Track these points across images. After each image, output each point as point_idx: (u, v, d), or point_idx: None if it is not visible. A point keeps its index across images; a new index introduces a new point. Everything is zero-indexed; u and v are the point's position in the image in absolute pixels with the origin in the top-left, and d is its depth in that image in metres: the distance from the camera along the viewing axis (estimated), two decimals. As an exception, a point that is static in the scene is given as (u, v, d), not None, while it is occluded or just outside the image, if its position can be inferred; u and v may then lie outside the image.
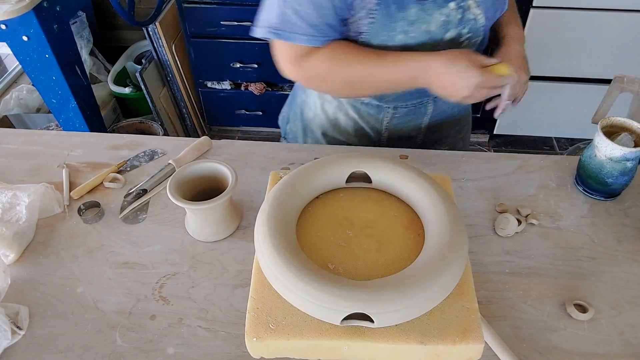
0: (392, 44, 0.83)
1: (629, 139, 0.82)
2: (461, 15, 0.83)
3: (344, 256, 0.63)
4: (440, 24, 0.82)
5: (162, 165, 0.94)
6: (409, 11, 0.80)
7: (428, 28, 0.82)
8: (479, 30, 0.87)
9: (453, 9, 0.82)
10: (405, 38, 0.82)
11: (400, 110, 0.99)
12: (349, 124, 1.03)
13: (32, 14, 1.55)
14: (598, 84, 2.04)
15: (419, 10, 0.80)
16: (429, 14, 0.81)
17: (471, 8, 0.84)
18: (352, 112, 1.01)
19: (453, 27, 0.84)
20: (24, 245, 0.79)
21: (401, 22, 0.81)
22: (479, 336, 0.57)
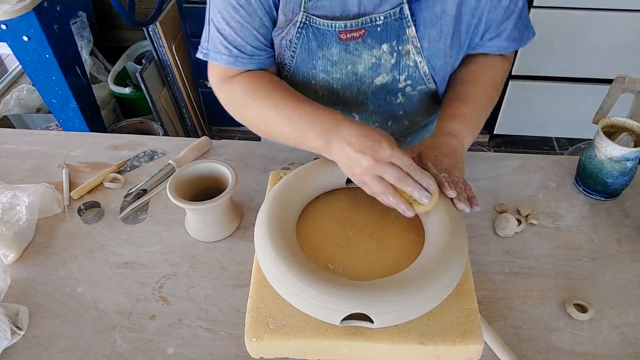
0: (315, 82, 0.80)
1: (629, 139, 0.82)
2: (395, 60, 0.77)
3: (344, 256, 0.63)
4: (370, 66, 0.77)
5: (162, 165, 0.94)
6: (330, 50, 0.75)
7: (354, 69, 0.77)
8: (422, 78, 0.81)
9: (385, 52, 0.76)
10: (327, 78, 0.79)
11: None
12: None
13: (32, 14, 1.55)
14: (598, 84, 2.04)
15: (342, 50, 0.75)
16: (355, 55, 0.76)
17: (410, 54, 0.77)
18: None
19: (385, 72, 0.78)
20: (24, 245, 0.79)
21: (322, 60, 0.76)
22: (479, 336, 0.57)
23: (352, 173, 0.65)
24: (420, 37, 0.75)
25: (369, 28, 0.73)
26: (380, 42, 0.75)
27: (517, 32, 0.83)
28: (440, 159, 0.68)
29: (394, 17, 0.73)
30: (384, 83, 0.81)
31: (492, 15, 0.78)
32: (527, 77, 2.07)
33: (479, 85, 0.82)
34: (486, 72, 0.84)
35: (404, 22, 0.73)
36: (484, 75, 0.83)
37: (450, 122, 0.76)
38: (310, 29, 0.73)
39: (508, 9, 0.78)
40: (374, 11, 0.72)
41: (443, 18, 0.74)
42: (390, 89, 0.82)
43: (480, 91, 0.81)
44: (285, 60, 0.79)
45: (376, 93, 0.83)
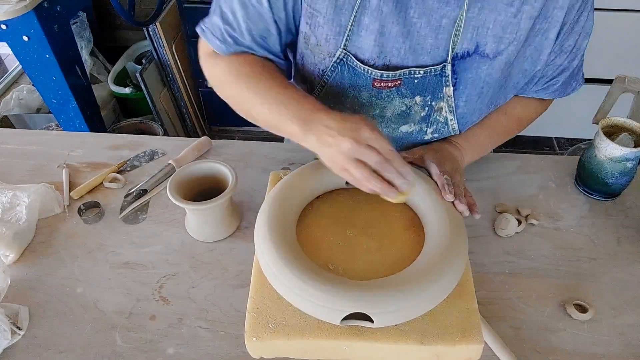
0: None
1: (629, 139, 0.82)
2: (426, 113, 0.75)
3: (344, 256, 0.63)
4: (399, 112, 0.75)
5: (162, 165, 0.94)
6: (361, 92, 0.72)
7: (382, 113, 0.75)
8: (450, 132, 0.79)
9: (417, 104, 0.74)
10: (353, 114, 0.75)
11: None
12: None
13: (32, 14, 1.55)
14: (598, 84, 2.04)
15: (373, 95, 0.73)
16: (386, 101, 0.74)
17: (442, 111, 0.75)
18: None
19: (413, 122, 0.76)
20: (24, 245, 0.79)
21: (351, 99, 0.74)
22: (479, 337, 0.57)
23: (332, 160, 0.61)
24: (457, 97, 0.73)
25: (405, 79, 0.71)
26: (414, 93, 0.73)
27: (564, 86, 0.81)
28: (443, 162, 0.68)
29: (434, 74, 0.70)
30: (410, 132, 0.79)
31: (546, 71, 0.76)
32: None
33: (502, 116, 0.81)
34: (518, 107, 0.83)
35: (443, 80, 0.71)
36: (514, 110, 0.83)
37: (457, 137, 0.77)
38: (345, 66, 0.71)
39: (561, 66, 0.77)
40: (414, 64, 0.69)
41: (487, 81, 0.72)
42: (415, 138, 0.80)
43: (500, 120, 0.81)
44: (314, 86, 0.77)
45: (400, 139, 0.80)
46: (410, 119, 0.76)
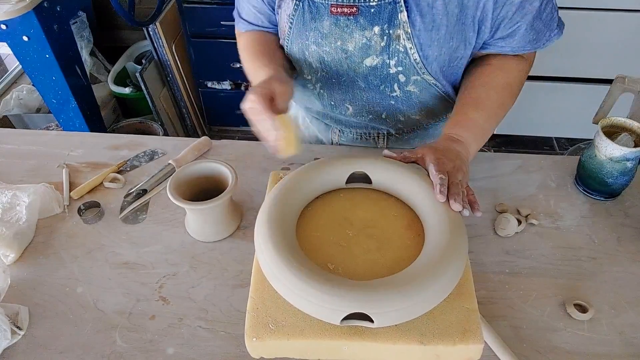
0: (307, 54, 0.82)
1: (629, 139, 0.82)
2: (385, 43, 0.77)
3: (344, 256, 0.63)
4: (360, 46, 0.78)
5: (162, 165, 0.94)
6: (322, 22, 0.78)
7: (344, 46, 0.79)
8: (414, 67, 0.79)
9: (376, 34, 0.77)
10: (318, 50, 0.81)
11: (346, 134, 0.98)
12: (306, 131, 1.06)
13: (32, 14, 1.55)
14: (598, 84, 2.04)
15: (332, 24, 0.77)
16: (346, 32, 0.77)
17: (400, 39, 0.76)
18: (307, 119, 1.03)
19: (375, 54, 0.79)
20: (24, 245, 0.79)
21: (314, 32, 0.79)
22: (479, 336, 0.57)
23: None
24: (412, 24, 0.75)
25: (362, 8, 0.75)
26: (372, 23, 0.76)
27: (533, 33, 0.80)
28: (443, 162, 0.68)
29: (387, 1, 0.74)
30: (374, 65, 0.81)
31: (501, 12, 0.75)
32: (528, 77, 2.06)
33: (490, 90, 0.80)
34: (499, 75, 0.82)
35: (397, 7, 0.74)
36: (497, 79, 0.81)
37: (456, 129, 0.76)
38: (306, 2, 0.77)
39: (522, 8, 0.75)
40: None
41: (435, 7, 0.74)
42: (383, 74, 0.82)
43: (491, 96, 0.80)
44: (285, 33, 0.83)
45: (367, 76, 0.83)
46: (372, 51, 0.79)
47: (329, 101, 0.90)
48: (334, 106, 0.90)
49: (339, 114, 0.92)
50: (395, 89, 0.84)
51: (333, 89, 0.87)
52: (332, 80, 0.85)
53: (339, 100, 0.89)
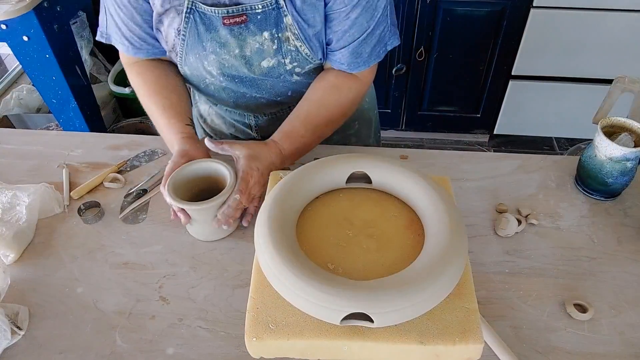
0: (206, 62, 0.85)
1: (629, 139, 0.82)
2: (277, 46, 0.82)
3: (344, 256, 0.63)
4: (255, 50, 0.83)
5: (162, 165, 0.94)
6: (217, 33, 0.81)
7: (242, 52, 0.83)
8: (306, 59, 0.85)
9: (267, 39, 0.81)
10: (217, 59, 0.84)
11: (260, 118, 1.01)
12: (223, 128, 1.07)
13: (32, 14, 1.55)
14: (598, 84, 2.04)
15: (228, 33, 0.81)
16: (241, 39, 0.81)
17: (289, 40, 0.82)
18: (223, 114, 1.05)
19: (269, 56, 0.84)
20: (24, 246, 0.79)
21: (211, 42, 0.82)
22: (479, 336, 0.57)
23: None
24: (297, 24, 0.80)
25: (249, 15, 0.79)
26: (261, 29, 0.80)
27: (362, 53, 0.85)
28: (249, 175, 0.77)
29: (271, 7, 0.78)
30: (271, 66, 0.86)
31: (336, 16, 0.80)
32: (527, 77, 2.07)
33: (321, 107, 0.87)
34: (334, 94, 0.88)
35: (281, 12, 0.79)
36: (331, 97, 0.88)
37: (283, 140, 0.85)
38: (197, 14, 0.80)
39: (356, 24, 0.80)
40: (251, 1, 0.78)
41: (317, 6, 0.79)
42: (280, 71, 0.87)
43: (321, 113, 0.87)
44: (177, 48, 0.85)
45: (267, 74, 0.87)
46: (266, 54, 0.84)
47: (236, 92, 0.93)
48: (241, 95, 0.93)
49: (248, 100, 0.95)
50: (294, 77, 0.90)
51: (237, 84, 0.90)
52: (235, 80, 0.89)
53: (245, 90, 0.92)
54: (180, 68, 0.90)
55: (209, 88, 0.94)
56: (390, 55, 2.05)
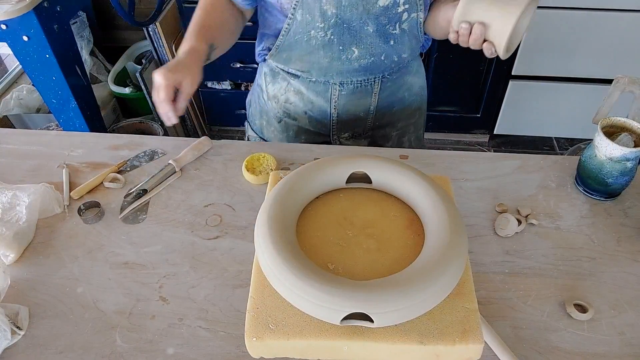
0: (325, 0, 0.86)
1: (629, 139, 0.82)
2: None
3: (344, 256, 0.63)
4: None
5: (162, 165, 0.94)
6: None
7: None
8: (417, 3, 0.88)
9: None
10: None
11: (346, 87, 1.01)
12: (299, 106, 1.06)
13: (32, 14, 1.55)
14: (598, 84, 2.04)
15: None
16: None
17: None
18: (303, 90, 1.04)
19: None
20: (24, 246, 0.79)
21: None
22: (479, 336, 0.57)
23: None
24: None
25: None
26: None
27: None
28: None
29: None
30: (386, 5, 0.87)
31: None
32: (527, 77, 2.07)
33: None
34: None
35: None
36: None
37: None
38: None
39: None
40: None
41: None
42: (391, 14, 0.89)
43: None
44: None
45: (378, 17, 0.89)
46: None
47: (337, 46, 0.93)
48: (341, 50, 0.94)
49: (345, 59, 0.95)
50: (396, 28, 0.92)
51: (343, 34, 0.91)
52: (344, 25, 0.90)
53: (347, 44, 0.93)
54: (292, 15, 0.90)
55: (310, 42, 0.93)
56: (390, 55, 2.05)
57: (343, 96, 1.02)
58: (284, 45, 0.96)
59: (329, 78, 1.00)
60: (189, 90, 0.80)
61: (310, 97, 1.04)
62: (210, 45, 0.88)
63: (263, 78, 1.10)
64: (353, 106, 1.04)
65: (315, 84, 1.02)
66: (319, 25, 0.90)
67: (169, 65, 0.79)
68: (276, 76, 1.06)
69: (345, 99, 1.03)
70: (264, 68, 1.09)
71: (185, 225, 0.83)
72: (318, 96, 1.04)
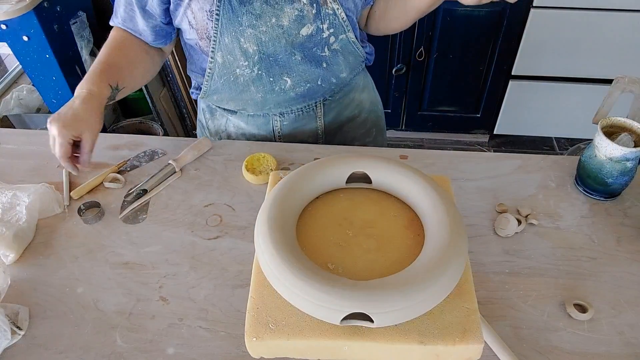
0: (243, 39, 0.84)
1: (629, 139, 0.82)
2: (316, 9, 0.82)
3: (344, 256, 0.63)
4: (294, 18, 0.82)
5: (162, 165, 0.94)
6: (252, 5, 0.81)
7: (279, 22, 0.82)
8: (342, 25, 0.86)
9: (306, 4, 0.81)
10: (255, 33, 0.83)
11: (287, 116, 0.99)
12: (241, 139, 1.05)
13: (32, 14, 1.55)
14: (598, 84, 2.04)
15: (262, 3, 0.80)
16: (277, 8, 0.81)
17: (327, 3, 0.82)
18: (242, 125, 1.03)
19: (309, 22, 0.83)
20: (24, 246, 0.79)
21: (247, 15, 0.81)
22: (479, 336, 0.57)
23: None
24: None
25: None
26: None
27: None
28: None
29: None
30: (310, 34, 0.85)
31: None
32: (527, 77, 2.07)
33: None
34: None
35: None
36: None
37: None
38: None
39: None
40: None
41: None
42: (317, 40, 0.87)
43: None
44: (210, 32, 0.84)
45: (304, 45, 0.87)
46: (306, 20, 0.83)
47: (268, 78, 0.91)
48: (273, 82, 0.91)
49: (279, 90, 0.93)
50: (324, 50, 0.89)
51: (271, 67, 0.89)
52: (270, 58, 0.88)
53: (278, 75, 0.91)
54: (212, 58, 0.88)
55: (238, 81, 0.91)
56: (390, 55, 2.05)
57: (286, 125, 1.01)
58: (211, 89, 0.94)
59: (267, 111, 0.98)
60: (89, 143, 0.80)
61: (252, 131, 1.03)
62: (114, 87, 0.87)
63: (202, 114, 1.09)
64: (299, 133, 1.02)
65: (254, 118, 1.01)
66: (242, 63, 0.88)
67: (65, 119, 0.78)
68: (214, 112, 1.05)
69: (289, 127, 1.01)
70: (202, 104, 1.08)
71: (185, 225, 0.83)
72: (260, 129, 1.02)
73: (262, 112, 0.99)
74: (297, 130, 1.01)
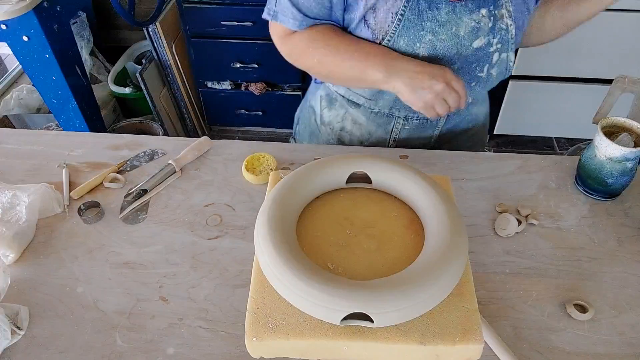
0: (419, 44, 0.82)
1: (629, 139, 0.82)
2: (492, 23, 0.83)
3: (344, 256, 0.63)
4: (470, 29, 0.82)
5: (162, 165, 0.94)
6: (439, 11, 0.80)
7: (457, 32, 0.82)
8: (509, 42, 0.86)
9: (484, 16, 0.82)
10: (433, 40, 0.82)
11: (411, 122, 0.97)
12: (356, 135, 1.01)
13: (32, 14, 1.55)
14: (598, 84, 2.05)
15: (449, 11, 0.80)
16: (459, 17, 0.81)
17: (503, 17, 0.83)
18: (362, 120, 0.99)
19: (483, 35, 0.83)
20: (24, 245, 0.79)
21: (431, 21, 0.80)
22: (479, 336, 0.57)
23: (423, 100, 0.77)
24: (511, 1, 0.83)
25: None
26: (479, 7, 0.81)
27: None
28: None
29: None
30: (480, 47, 0.85)
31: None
32: (527, 77, 2.07)
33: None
34: None
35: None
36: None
37: None
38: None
39: None
40: None
41: None
42: (481, 54, 0.86)
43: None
44: (389, 31, 0.81)
45: (468, 58, 0.86)
46: (481, 33, 0.83)
47: None
48: None
49: None
50: (483, 70, 0.89)
51: None
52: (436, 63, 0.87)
53: None
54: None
55: None
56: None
57: (406, 130, 0.98)
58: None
59: (394, 111, 0.95)
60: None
61: (370, 129, 1.00)
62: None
63: (318, 101, 1.04)
64: (414, 139, 0.99)
65: (378, 116, 0.97)
66: None
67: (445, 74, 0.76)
68: (333, 102, 1.01)
69: (407, 132, 0.99)
70: (320, 91, 1.04)
71: (186, 225, 0.83)
72: (378, 128, 0.99)
73: (390, 111, 0.95)
74: (412, 136, 0.99)
